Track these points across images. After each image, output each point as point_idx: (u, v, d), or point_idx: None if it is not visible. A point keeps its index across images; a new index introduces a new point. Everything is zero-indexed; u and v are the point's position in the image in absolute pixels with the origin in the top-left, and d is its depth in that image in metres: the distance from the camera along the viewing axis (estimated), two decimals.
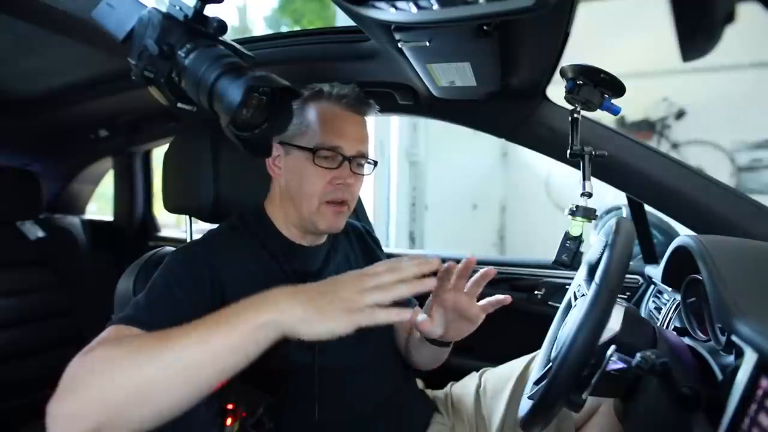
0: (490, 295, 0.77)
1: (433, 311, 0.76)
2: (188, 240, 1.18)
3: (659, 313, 0.89)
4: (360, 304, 0.54)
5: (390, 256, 0.91)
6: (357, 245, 0.98)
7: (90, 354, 0.54)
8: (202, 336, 0.51)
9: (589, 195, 0.79)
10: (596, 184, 0.84)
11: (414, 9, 0.51)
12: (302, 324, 0.52)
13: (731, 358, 0.54)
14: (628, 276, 1.14)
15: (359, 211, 1.50)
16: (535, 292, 1.27)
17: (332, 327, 0.52)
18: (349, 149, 0.81)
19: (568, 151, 0.82)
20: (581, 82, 0.79)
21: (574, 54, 0.78)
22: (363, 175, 0.85)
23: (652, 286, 1.04)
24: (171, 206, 1.02)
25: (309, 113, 0.82)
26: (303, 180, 0.81)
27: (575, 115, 0.82)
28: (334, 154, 0.80)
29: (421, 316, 0.75)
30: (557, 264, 0.79)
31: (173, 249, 0.99)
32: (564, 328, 0.69)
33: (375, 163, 0.86)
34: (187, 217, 1.11)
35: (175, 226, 2.12)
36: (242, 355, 0.51)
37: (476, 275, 0.75)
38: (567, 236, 0.79)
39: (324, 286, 0.56)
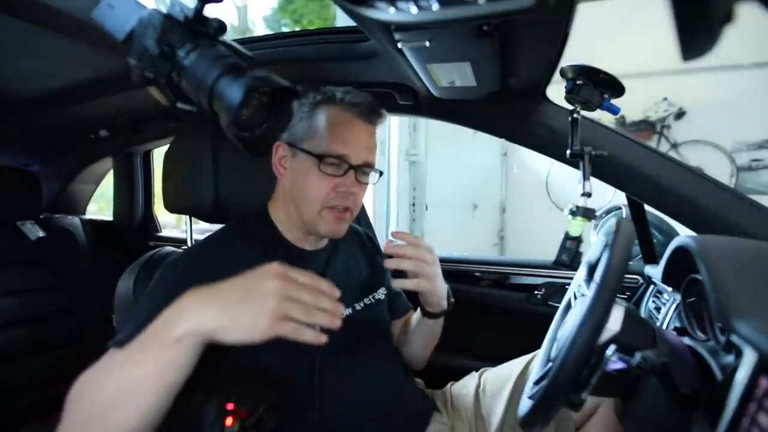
0: (490, 296, 0.77)
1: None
2: (188, 240, 1.18)
3: (659, 313, 0.89)
4: (280, 313, 0.52)
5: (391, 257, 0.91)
6: (357, 249, 0.98)
7: (78, 380, 0.57)
8: (137, 360, 0.53)
9: (589, 195, 0.80)
10: (597, 185, 0.84)
11: (414, 9, 0.51)
12: (220, 332, 0.52)
13: (731, 358, 0.54)
14: (627, 276, 1.14)
15: (360, 215, 1.49)
16: (535, 292, 1.27)
17: (251, 335, 0.51)
18: (355, 158, 0.80)
19: (568, 151, 0.82)
20: (581, 82, 0.79)
21: (573, 54, 0.78)
22: (367, 183, 0.85)
23: (652, 286, 1.04)
24: (171, 206, 1.02)
25: (319, 118, 0.80)
26: (307, 184, 0.80)
27: (575, 115, 0.82)
28: (340, 162, 0.79)
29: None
30: (557, 264, 0.79)
31: (174, 250, 0.99)
32: (564, 328, 0.69)
33: (381, 173, 0.86)
34: (187, 217, 1.11)
35: (175, 226, 2.12)
36: (176, 372, 0.53)
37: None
38: (567, 236, 0.79)
39: (242, 288, 0.54)
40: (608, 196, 1.36)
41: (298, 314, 0.52)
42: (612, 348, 0.53)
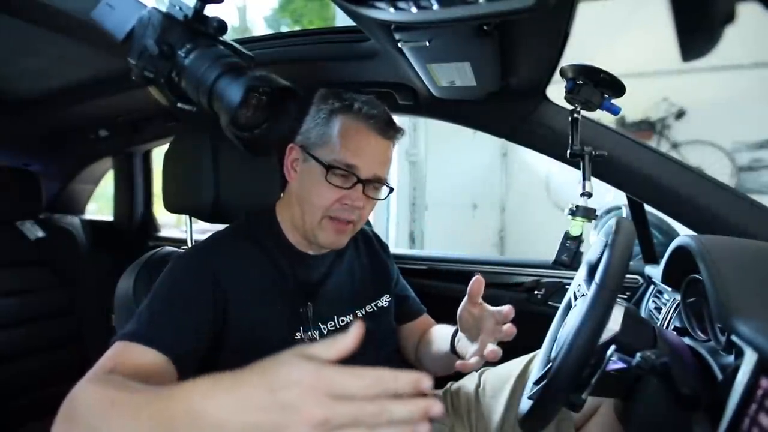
0: (490, 296, 0.76)
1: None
2: (188, 240, 1.18)
3: (659, 313, 0.89)
4: None
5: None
6: (363, 252, 0.97)
7: (84, 387, 0.53)
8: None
9: (589, 195, 0.80)
10: (597, 185, 0.84)
11: (414, 9, 0.51)
12: None
13: (731, 358, 0.54)
14: (628, 276, 1.13)
15: None
16: (535, 292, 1.27)
17: None
18: (365, 171, 0.78)
19: (568, 151, 0.82)
20: (581, 82, 0.79)
21: (574, 54, 0.78)
22: (376, 198, 0.83)
23: (652, 286, 1.04)
24: (171, 206, 1.02)
25: (333, 125, 0.79)
26: (312, 191, 0.79)
27: (575, 115, 0.82)
28: (348, 174, 0.77)
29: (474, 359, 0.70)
30: (557, 264, 0.79)
31: (174, 250, 0.99)
32: (564, 328, 0.69)
33: (391, 189, 0.84)
34: (187, 217, 1.11)
35: (175, 226, 2.12)
36: None
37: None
38: (567, 236, 0.79)
39: (275, 404, 0.37)
40: (608, 197, 1.36)
41: None
42: (612, 348, 0.53)
